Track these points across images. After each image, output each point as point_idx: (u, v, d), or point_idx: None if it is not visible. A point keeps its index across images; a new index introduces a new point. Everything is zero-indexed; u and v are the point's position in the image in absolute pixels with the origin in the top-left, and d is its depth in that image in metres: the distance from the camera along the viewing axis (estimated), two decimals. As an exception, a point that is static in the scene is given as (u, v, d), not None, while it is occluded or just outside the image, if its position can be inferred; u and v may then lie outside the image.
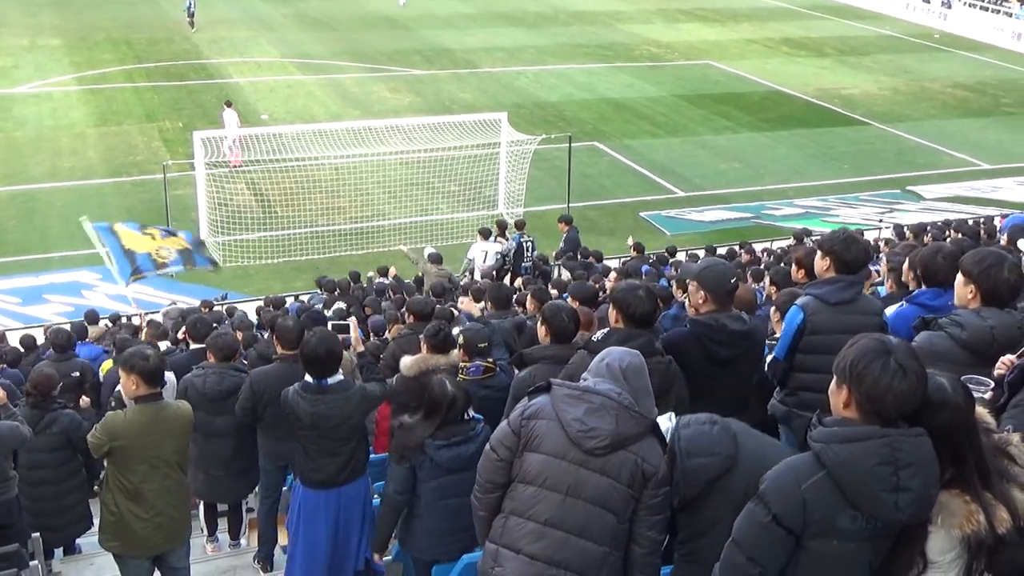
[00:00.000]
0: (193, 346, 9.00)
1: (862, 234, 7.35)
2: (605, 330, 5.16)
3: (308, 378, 5.98)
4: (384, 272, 16.68)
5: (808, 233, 18.11)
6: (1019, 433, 3.35)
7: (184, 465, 6.14)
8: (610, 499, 3.94)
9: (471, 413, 5.61)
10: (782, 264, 11.72)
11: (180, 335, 10.27)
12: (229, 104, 25.62)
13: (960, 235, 14.33)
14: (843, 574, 3.21)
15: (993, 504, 3.12)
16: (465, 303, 8.55)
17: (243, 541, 8.30)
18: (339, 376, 6.02)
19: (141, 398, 5.83)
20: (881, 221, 22.79)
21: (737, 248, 17.90)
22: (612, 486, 3.94)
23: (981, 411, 3.37)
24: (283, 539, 7.81)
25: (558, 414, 3.97)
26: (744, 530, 3.30)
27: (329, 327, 11.08)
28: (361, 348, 6.77)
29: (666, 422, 4.18)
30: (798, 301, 5.43)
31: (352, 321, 7.83)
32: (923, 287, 5.31)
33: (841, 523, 3.11)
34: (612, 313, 5.14)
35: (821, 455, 3.14)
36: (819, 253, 5.55)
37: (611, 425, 3.91)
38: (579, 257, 17.38)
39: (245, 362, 9.28)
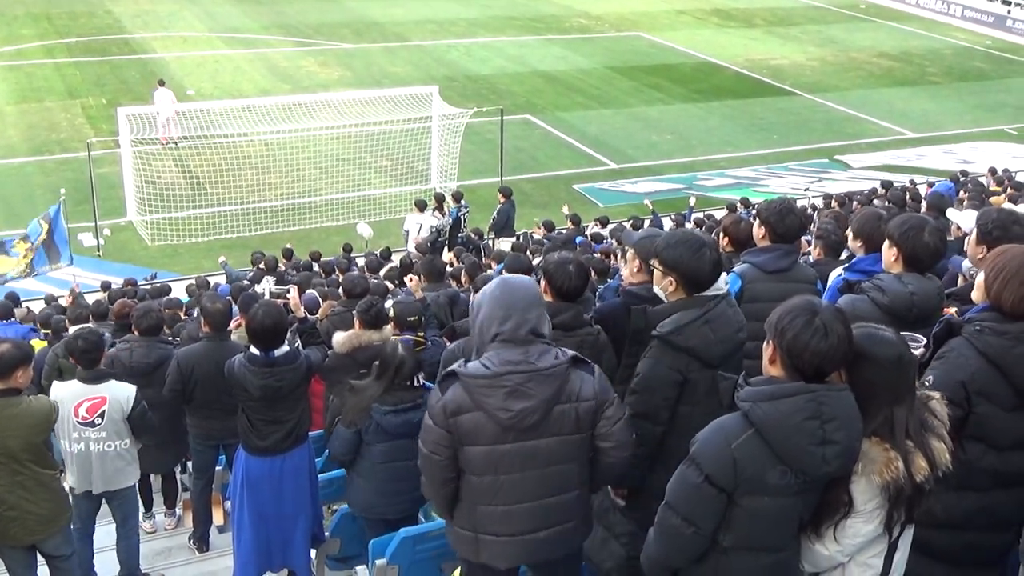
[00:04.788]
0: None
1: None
2: None
3: (254, 350, 5.93)
4: (289, 255, 16.52)
5: (748, 204, 18.28)
6: (940, 392, 3.43)
7: (44, 461, 6.02)
8: (564, 453, 3.90)
9: (421, 380, 5.63)
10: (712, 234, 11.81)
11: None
12: (162, 83, 24.67)
13: (888, 203, 14.54)
14: (774, 529, 3.28)
15: (912, 452, 3.20)
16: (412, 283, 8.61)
17: (178, 510, 8.30)
18: (284, 347, 6.01)
19: None
20: (807, 190, 23.11)
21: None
22: (561, 441, 3.89)
23: None
24: (218, 519, 7.76)
25: (481, 406, 3.81)
26: (677, 492, 3.33)
27: (267, 296, 10.98)
28: (302, 313, 6.74)
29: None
30: (736, 268, 5.44)
31: (292, 288, 7.81)
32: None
33: (771, 479, 3.17)
34: (543, 284, 5.14)
35: (749, 414, 3.20)
36: (757, 220, 5.59)
37: (533, 398, 3.80)
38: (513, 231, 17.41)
39: (177, 339, 9.19)
